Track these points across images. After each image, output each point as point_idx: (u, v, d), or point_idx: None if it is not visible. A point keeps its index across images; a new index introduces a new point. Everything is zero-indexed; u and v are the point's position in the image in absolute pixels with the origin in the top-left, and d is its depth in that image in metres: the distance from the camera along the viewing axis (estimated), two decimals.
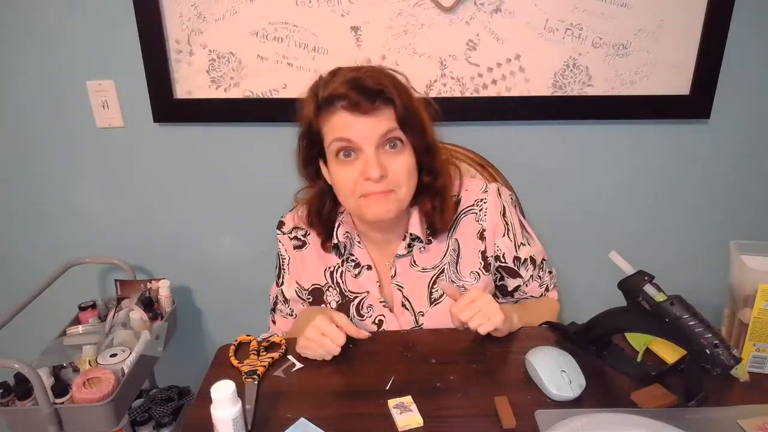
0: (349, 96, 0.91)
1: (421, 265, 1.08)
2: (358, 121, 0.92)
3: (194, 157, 1.51)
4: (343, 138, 0.93)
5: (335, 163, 0.97)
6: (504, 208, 1.08)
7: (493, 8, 1.31)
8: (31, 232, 1.61)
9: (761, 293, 0.87)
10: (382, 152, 0.94)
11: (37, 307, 1.32)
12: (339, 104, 0.93)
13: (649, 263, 0.88)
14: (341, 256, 1.09)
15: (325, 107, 0.95)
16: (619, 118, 1.43)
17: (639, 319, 0.84)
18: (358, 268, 1.08)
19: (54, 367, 1.25)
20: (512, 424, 0.81)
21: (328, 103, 0.94)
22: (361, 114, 0.92)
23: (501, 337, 1.01)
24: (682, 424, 0.76)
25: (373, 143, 0.93)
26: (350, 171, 0.95)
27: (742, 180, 1.49)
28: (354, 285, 1.09)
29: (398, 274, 1.08)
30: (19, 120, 1.49)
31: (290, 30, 1.35)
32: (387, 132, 0.93)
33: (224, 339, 1.06)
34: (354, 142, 0.93)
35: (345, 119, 0.93)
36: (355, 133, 0.93)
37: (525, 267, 1.12)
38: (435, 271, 1.07)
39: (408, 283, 1.08)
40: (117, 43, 1.39)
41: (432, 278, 1.08)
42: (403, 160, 0.96)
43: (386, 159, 0.95)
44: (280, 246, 1.17)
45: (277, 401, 0.88)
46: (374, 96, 0.92)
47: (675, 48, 1.34)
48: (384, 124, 0.93)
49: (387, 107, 0.93)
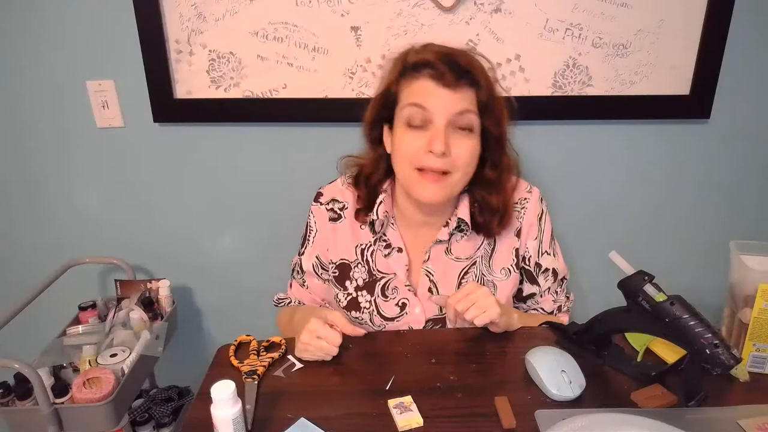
0: (437, 66, 0.92)
1: (455, 253, 1.07)
2: (438, 91, 0.92)
3: (194, 157, 1.51)
4: (419, 104, 0.93)
5: (403, 129, 0.96)
6: (542, 212, 1.09)
7: (493, 8, 1.32)
8: (31, 232, 1.61)
9: (761, 293, 0.87)
10: (451, 131, 0.94)
11: (37, 307, 1.32)
12: (425, 71, 0.93)
13: (649, 263, 0.88)
14: (375, 234, 1.08)
15: (410, 72, 0.95)
16: (619, 118, 1.43)
17: (639, 319, 0.84)
18: (389, 249, 1.07)
19: (54, 367, 1.25)
20: (512, 424, 0.81)
21: (415, 68, 0.94)
22: (444, 86, 0.92)
23: (501, 336, 1.01)
24: (682, 424, 0.76)
25: (446, 118, 0.93)
26: (416, 140, 0.94)
27: (742, 180, 1.49)
28: (383, 265, 1.08)
29: (431, 259, 1.07)
30: (18, 120, 1.49)
31: (290, 30, 1.35)
32: (463, 111, 0.93)
33: (224, 339, 1.06)
34: (428, 110, 0.93)
35: (426, 86, 0.93)
36: (432, 103, 0.92)
37: (545, 276, 1.12)
38: (468, 263, 1.07)
39: (438, 270, 1.07)
40: (117, 43, 1.39)
41: (464, 269, 1.07)
42: (470, 144, 0.96)
43: (453, 139, 0.94)
44: (311, 217, 1.15)
45: (277, 401, 0.88)
46: (462, 73, 0.92)
47: (675, 48, 1.34)
48: (463, 102, 0.93)
49: (470, 88, 0.94)
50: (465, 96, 0.93)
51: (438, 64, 0.92)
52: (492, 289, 1.06)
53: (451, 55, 0.94)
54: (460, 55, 0.95)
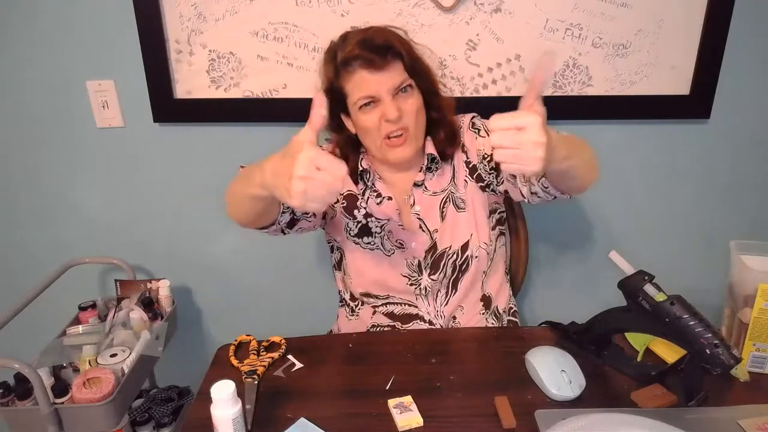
0: (363, 55, 1.06)
1: (431, 189, 1.19)
2: (374, 77, 1.07)
3: (194, 157, 1.51)
4: (367, 95, 1.08)
5: (360, 113, 1.10)
6: (471, 119, 1.21)
7: (493, 8, 1.32)
8: (31, 232, 1.61)
9: (761, 293, 0.87)
10: (397, 97, 1.09)
11: (37, 307, 1.32)
12: (355, 63, 1.07)
13: (649, 263, 0.88)
14: (365, 183, 1.20)
15: (343, 68, 1.09)
16: (619, 118, 1.43)
17: (639, 319, 0.84)
18: (380, 198, 1.19)
19: (54, 367, 1.25)
20: (512, 424, 0.81)
21: (346, 64, 1.08)
22: (377, 70, 1.06)
23: (501, 336, 1.00)
24: (682, 424, 0.76)
25: (389, 92, 1.08)
26: (372, 116, 1.09)
27: (741, 180, 1.49)
28: (377, 211, 1.19)
29: (416, 202, 1.19)
30: (19, 120, 1.49)
31: (290, 30, 1.35)
32: (400, 83, 1.08)
33: (224, 339, 1.06)
34: (374, 94, 1.08)
35: (364, 77, 1.07)
36: (374, 87, 1.07)
37: None
38: (444, 194, 1.19)
39: (423, 207, 1.19)
40: (117, 43, 1.39)
41: (442, 200, 1.19)
42: (413, 100, 1.11)
43: (400, 102, 1.09)
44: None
45: (277, 401, 0.88)
46: (384, 51, 1.06)
47: (675, 48, 1.34)
48: (396, 75, 1.08)
49: (396, 60, 1.08)
50: (395, 69, 1.08)
51: (364, 53, 1.06)
52: (462, 204, 1.18)
53: (370, 39, 1.08)
54: (377, 35, 1.09)
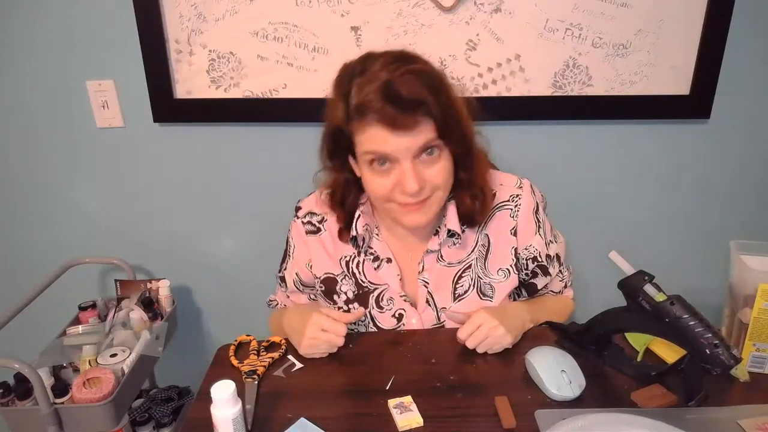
0: (384, 110, 0.83)
1: (447, 259, 1.04)
2: (395, 139, 0.85)
3: (194, 157, 1.51)
4: (379, 152, 0.88)
5: (369, 170, 0.91)
6: (537, 205, 1.06)
7: (493, 8, 1.32)
8: (32, 232, 1.61)
9: (761, 293, 0.87)
10: (418, 162, 0.89)
11: (37, 307, 1.32)
12: (372, 116, 0.84)
13: (649, 263, 0.88)
14: (359, 249, 1.05)
15: (356, 116, 0.87)
16: (619, 118, 1.43)
17: (639, 319, 0.84)
18: (378, 261, 1.05)
19: (54, 367, 1.25)
20: (512, 424, 0.81)
21: (360, 113, 0.86)
22: (399, 130, 0.84)
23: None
24: (682, 424, 0.76)
25: (410, 156, 0.88)
26: (384, 181, 0.90)
27: (742, 180, 1.49)
28: (373, 277, 1.06)
29: (425, 269, 1.04)
30: (19, 120, 1.49)
31: (290, 30, 1.35)
32: (425, 144, 0.88)
33: (224, 339, 1.06)
34: (390, 155, 0.88)
35: (381, 135, 0.85)
36: (392, 148, 0.86)
37: (553, 265, 1.10)
38: (461, 266, 1.04)
39: (433, 278, 1.04)
40: (117, 43, 1.39)
41: (457, 273, 1.04)
42: (441, 166, 0.91)
43: (423, 168, 0.90)
44: (290, 232, 1.13)
45: (277, 401, 0.88)
46: (413, 108, 0.84)
47: (675, 48, 1.34)
48: (423, 137, 0.86)
49: (426, 119, 0.86)
50: (423, 129, 0.86)
51: (385, 108, 0.83)
52: (490, 291, 1.05)
53: (396, 89, 0.83)
54: (403, 83, 0.84)
